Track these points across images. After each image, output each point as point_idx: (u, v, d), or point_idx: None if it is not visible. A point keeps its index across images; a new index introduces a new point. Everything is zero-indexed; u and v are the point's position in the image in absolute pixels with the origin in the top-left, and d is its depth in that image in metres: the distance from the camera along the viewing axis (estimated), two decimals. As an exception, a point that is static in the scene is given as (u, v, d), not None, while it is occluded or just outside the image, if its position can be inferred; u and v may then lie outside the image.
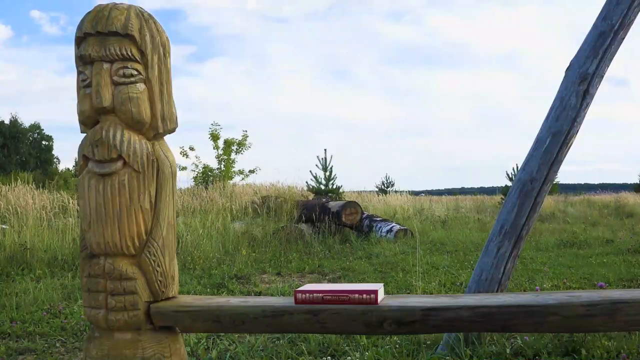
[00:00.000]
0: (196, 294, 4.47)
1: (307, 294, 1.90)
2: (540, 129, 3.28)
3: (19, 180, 10.57)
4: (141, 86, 1.88)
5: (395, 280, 5.37)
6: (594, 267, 6.13)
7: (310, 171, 13.21)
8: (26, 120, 52.37)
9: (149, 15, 1.91)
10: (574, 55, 3.35)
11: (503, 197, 14.87)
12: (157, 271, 1.94)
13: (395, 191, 20.49)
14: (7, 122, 42.73)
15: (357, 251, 7.81)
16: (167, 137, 2.03)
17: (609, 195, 20.79)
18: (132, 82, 1.86)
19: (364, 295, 1.89)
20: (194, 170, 16.13)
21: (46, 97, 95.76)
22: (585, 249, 8.01)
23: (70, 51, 1.95)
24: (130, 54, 1.84)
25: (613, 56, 3.28)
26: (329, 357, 2.91)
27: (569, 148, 3.26)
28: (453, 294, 4.40)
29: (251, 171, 16.81)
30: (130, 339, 1.94)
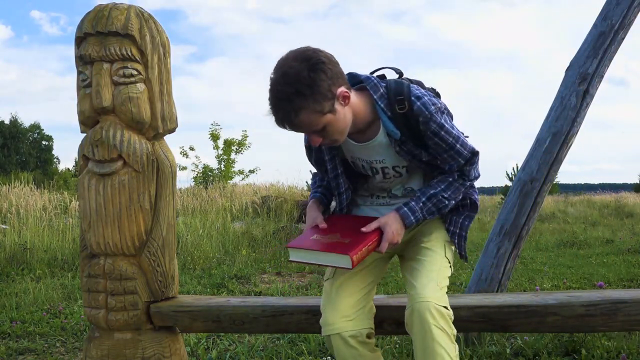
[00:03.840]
0: (196, 294, 4.46)
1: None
2: (540, 129, 3.28)
3: (20, 180, 10.56)
4: (141, 86, 1.88)
5: (395, 280, 5.36)
6: (594, 267, 6.13)
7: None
8: (26, 120, 52.55)
9: (149, 15, 1.90)
10: (573, 55, 3.35)
11: (503, 197, 14.85)
12: (157, 271, 1.93)
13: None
14: (7, 122, 42.78)
15: (357, 251, 7.80)
16: (167, 137, 2.03)
17: (609, 195, 20.74)
18: (132, 82, 1.86)
19: None
20: (194, 170, 16.13)
21: (46, 97, 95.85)
22: (585, 249, 8.01)
23: (70, 51, 1.95)
24: (130, 54, 1.84)
25: (613, 56, 3.28)
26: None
27: (569, 148, 3.26)
28: (453, 294, 4.39)
29: (251, 171, 16.80)
30: (130, 339, 1.94)
